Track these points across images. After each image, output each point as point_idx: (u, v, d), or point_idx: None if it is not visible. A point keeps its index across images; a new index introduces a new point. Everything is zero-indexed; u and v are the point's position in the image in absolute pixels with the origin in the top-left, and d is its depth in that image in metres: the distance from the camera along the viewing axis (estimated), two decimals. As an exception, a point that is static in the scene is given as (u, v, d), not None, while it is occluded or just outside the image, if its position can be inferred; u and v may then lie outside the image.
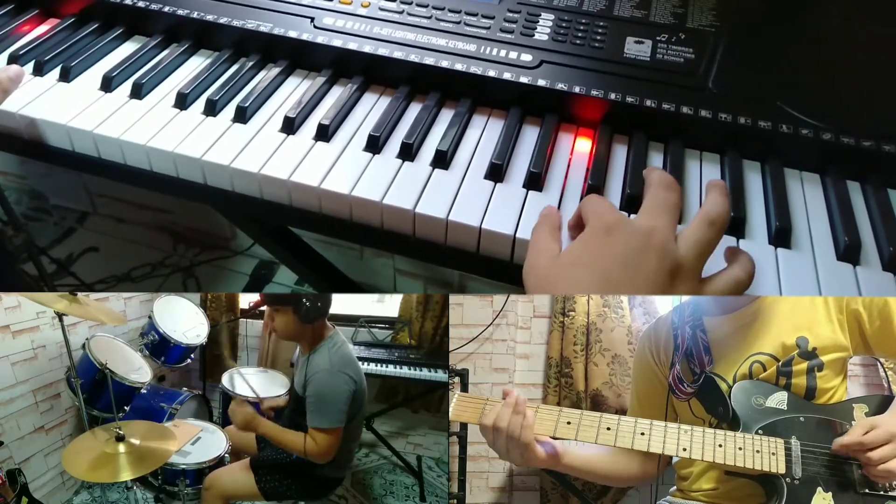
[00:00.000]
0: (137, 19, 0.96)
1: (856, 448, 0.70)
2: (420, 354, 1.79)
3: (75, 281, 1.79)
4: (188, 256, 1.93)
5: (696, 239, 0.57)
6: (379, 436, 1.77)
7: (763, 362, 0.78)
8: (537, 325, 1.41)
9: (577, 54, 0.83)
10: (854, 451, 0.70)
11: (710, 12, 0.87)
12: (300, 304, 1.06)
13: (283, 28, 0.89)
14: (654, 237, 0.56)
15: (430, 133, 0.81)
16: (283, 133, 0.80)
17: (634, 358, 0.98)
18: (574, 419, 0.76)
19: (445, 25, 0.87)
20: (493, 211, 0.71)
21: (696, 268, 0.57)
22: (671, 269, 0.55)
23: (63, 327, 1.12)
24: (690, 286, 0.56)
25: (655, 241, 0.55)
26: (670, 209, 0.59)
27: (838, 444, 0.71)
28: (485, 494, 1.39)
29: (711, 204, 0.59)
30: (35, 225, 1.97)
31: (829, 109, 0.76)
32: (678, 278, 0.55)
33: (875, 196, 0.73)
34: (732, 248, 0.62)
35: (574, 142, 0.81)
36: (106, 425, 1.12)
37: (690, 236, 0.57)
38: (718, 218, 0.58)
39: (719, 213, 0.58)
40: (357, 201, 0.73)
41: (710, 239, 0.57)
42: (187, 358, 1.58)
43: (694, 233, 0.57)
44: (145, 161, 0.80)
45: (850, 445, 0.70)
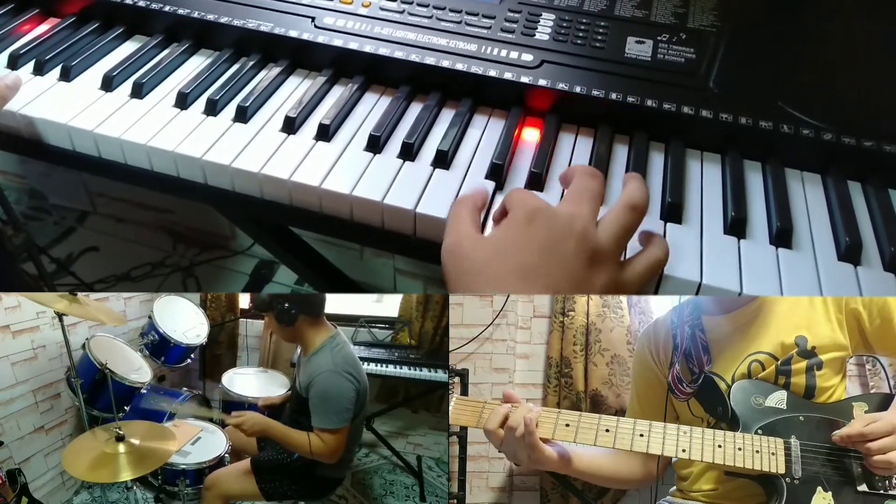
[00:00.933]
0: (138, 19, 0.96)
1: (857, 438, 0.70)
2: (420, 354, 1.79)
3: (75, 281, 1.79)
4: (188, 256, 1.93)
5: (618, 223, 0.59)
6: (379, 436, 1.77)
7: (762, 361, 0.78)
8: (537, 325, 1.41)
9: (578, 54, 0.83)
10: (854, 442, 0.70)
11: (711, 12, 0.87)
12: (275, 308, 1.07)
13: (283, 28, 0.89)
14: (575, 223, 0.57)
15: (431, 133, 0.81)
16: (284, 133, 0.80)
17: (634, 358, 0.98)
18: (573, 421, 0.76)
19: (446, 25, 0.87)
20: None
21: (616, 252, 0.59)
22: (590, 254, 0.56)
23: (63, 327, 1.12)
24: (609, 269, 0.58)
25: (576, 227, 0.57)
26: (593, 196, 0.60)
27: (839, 435, 0.71)
28: (485, 494, 1.39)
29: (632, 190, 0.61)
30: (35, 224, 1.96)
31: (831, 109, 0.76)
32: (597, 262, 0.57)
33: (876, 196, 0.73)
34: (646, 231, 0.65)
35: (574, 141, 0.81)
36: (106, 425, 1.12)
37: (612, 220, 0.59)
38: (640, 203, 0.60)
39: (640, 198, 0.60)
40: (358, 201, 0.73)
41: (630, 223, 0.60)
42: (187, 358, 1.58)
43: (616, 217, 0.59)
44: (146, 161, 0.80)
45: (851, 436, 0.70)
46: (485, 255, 0.59)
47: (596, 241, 0.57)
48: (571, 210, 0.59)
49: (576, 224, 0.57)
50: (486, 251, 0.59)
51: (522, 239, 0.58)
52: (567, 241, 0.56)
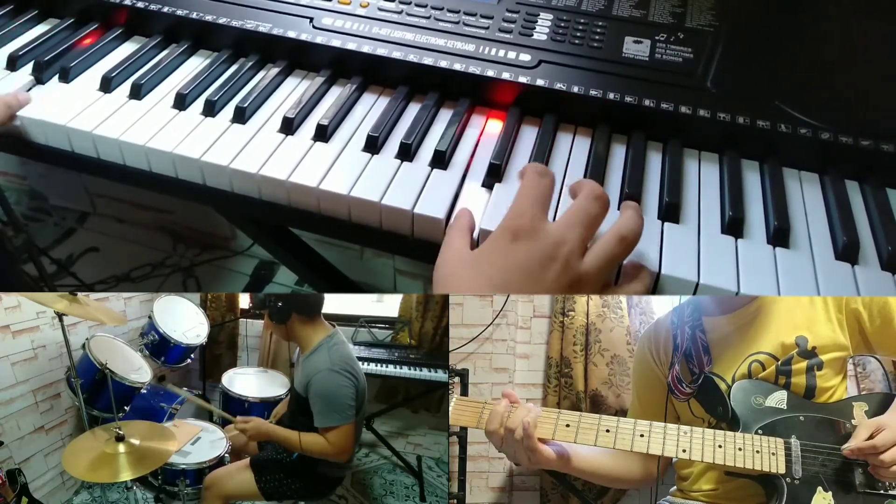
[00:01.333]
0: (137, 19, 0.96)
1: (868, 451, 0.69)
2: (420, 354, 1.79)
3: (75, 281, 1.79)
4: (188, 256, 1.93)
5: (604, 253, 0.59)
6: (379, 436, 1.77)
7: (762, 362, 0.78)
8: (537, 325, 1.41)
9: (575, 54, 0.83)
10: (866, 455, 0.70)
11: (708, 12, 0.87)
12: (268, 306, 1.09)
13: (282, 28, 0.89)
14: (561, 249, 0.57)
15: (429, 133, 0.81)
16: (282, 133, 0.80)
17: (634, 358, 0.98)
18: (573, 422, 0.76)
19: (444, 25, 0.87)
20: (491, 211, 0.71)
21: (597, 281, 0.59)
22: (570, 282, 0.57)
23: (63, 327, 1.12)
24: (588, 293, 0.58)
25: (561, 253, 0.57)
26: (588, 223, 0.60)
27: (849, 450, 0.71)
28: (485, 494, 1.39)
29: (624, 221, 0.61)
30: (35, 225, 1.97)
31: (828, 109, 0.76)
32: (576, 288, 0.57)
33: (874, 195, 0.73)
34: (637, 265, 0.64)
35: (572, 141, 0.81)
36: (106, 425, 1.12)
37: (599, 250, 0.59)
38: (630, 234, 0.60)
39: (631, 230, 0.60)
40: (356, 202, 0.73)
41: (617, 254, 0.60)
42: (187, 358, 1.58)
43: (603, 247, 0.59)
44: (144, 161, 0.80)
45: (863, 450, 0.69)
46: (468, 269, 0.60)
47: (577, 271, 0.57)
48: (561, 233, 0.59)
49: (561, 250, 0.57)
50: (471, 264, 0.60)
51: (505, 256, 0.59)
52: (550, 266, 0.57)
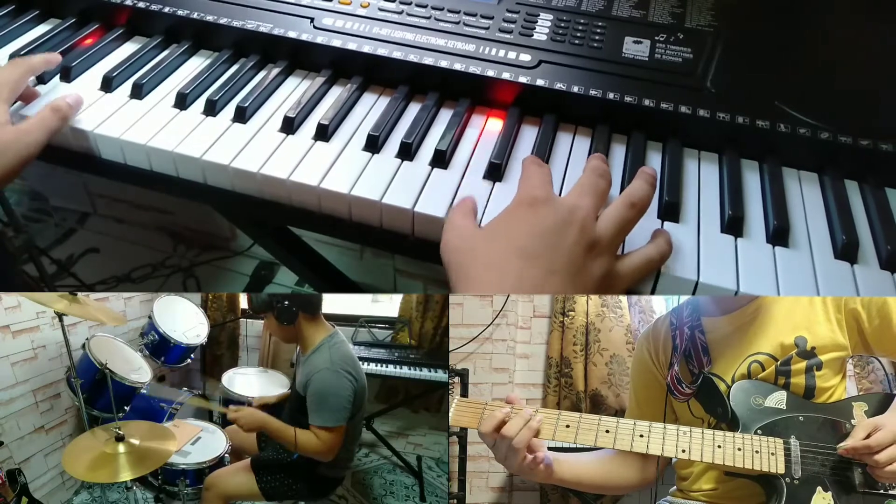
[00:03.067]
0: (137, 20, 0.96)
1: (863, 451, 0.69)
2: (420, 354, 1.79)
3: (75, 282, 1.79)
4: (188, 257, 1.93)
5: (616, 216, 0.62)
6: (379, 436, 1.77)
7: (762, 362, 0.78)
8: (537, 325, 1.41)
9: (575, 54, 0.83)
10: (861, 455, 0.70)
11: (708, 12, 0.87)
12: (275, 307, 1.08)
13: (282, 28, 0.89)
14: (576, 213, 0.60)
15: (430, 133, 0.81)
16: (283, 133, 0.81)
17: (633, 359, 0.98)
18: (573, 422, 0.76)
19: (444, 25, 0.87)
20: (491, 210, 0.71)
21: (613, 244, 0.62)
22: (588, 244, 0.59)
23: (63, 327, 1.12)
24: (606, 260, 0.60)
25: (576, 217, 0.59)
26: (597, 193, 0.63)
27: (844, 448, 0.71)
28: (485, 494, 1.40)
29: (635, 187, 0.64)
30: (35, 226, 1.97)
31: (827, 108, 0.76)
32: (595, 252, 0.59)
33: (873, 195, 0.73)
34: (658, 230, 0.67)
35: (572, 141, 0.81)
36: (106, 425, 1.12)
37: (611, 214, 0.62)
38: (640, 200, 0.63)
39: (641, 196, 0.63)
40: (356, 201, 0.73)
41: (629, 218, 0.63)
42: (187, 358, 1.58)
43: (615, 212, 0.62)
44: (145, 161, 0.80)
45: (857, 449, 0.69)
46: (484, 241, 0.61)
47: (595, 232, 0.60)
48: (574, 201, 0.61)
49: (577, 214, 0.60)
50: (486, 236, 0.62)
51: (524, 223, 0.60)
52: (567, 230, 0.59)
